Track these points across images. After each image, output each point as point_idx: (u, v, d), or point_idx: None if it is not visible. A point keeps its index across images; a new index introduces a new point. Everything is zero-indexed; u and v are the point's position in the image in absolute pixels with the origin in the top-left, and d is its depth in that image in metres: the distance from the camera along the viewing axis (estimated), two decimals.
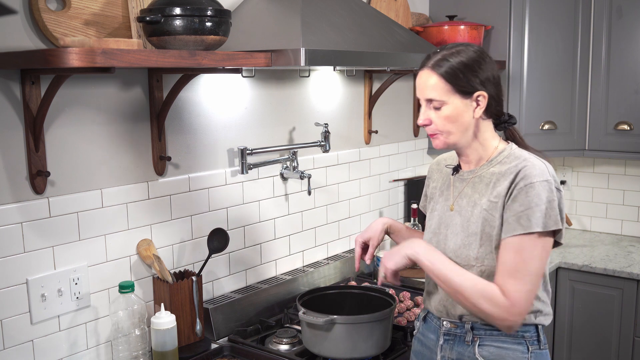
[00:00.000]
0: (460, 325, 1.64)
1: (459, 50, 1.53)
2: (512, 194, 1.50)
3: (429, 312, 1.75)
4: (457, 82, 1.51)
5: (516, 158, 1.57)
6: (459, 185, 1.64)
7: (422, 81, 1.55)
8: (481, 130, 1.58)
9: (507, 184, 1.53)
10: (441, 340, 1.67)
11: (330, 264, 2.59)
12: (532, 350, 1.60)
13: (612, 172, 3.27)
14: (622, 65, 2.89)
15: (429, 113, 1.56)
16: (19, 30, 1.62)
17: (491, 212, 1.55)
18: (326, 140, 2.47)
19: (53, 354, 1.77)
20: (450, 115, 1.53)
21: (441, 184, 1.72)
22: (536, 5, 2.95)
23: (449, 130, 1.55)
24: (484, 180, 1.59)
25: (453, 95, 1.52)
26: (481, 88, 1.52)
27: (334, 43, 1.95)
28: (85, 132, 1.80)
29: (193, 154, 2.10)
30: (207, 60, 1.66)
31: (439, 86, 1.52)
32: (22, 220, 1.67)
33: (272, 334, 2.14)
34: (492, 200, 1.55)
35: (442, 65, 1.51)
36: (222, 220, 2.21)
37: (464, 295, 1.50)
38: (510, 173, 1.54)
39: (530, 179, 1.48)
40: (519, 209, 1.48)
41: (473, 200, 1.59)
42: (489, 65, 1.54)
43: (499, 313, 1.47)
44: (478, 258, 1.56)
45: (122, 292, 1.81)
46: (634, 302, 2.71)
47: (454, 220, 1.62)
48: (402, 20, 2.90)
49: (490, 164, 1.60)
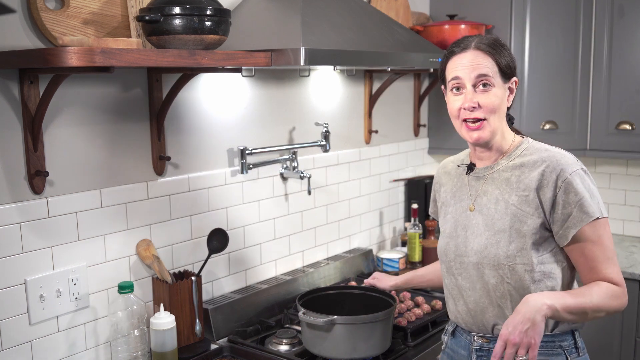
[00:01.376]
0: (493, 340, 1.56)
1: (497, 39, 1.55)
2: (558, 186, 1.47)
3: (458, 326, 1.67)
4: (506, 65, 1.50)
5: (537, 150, 1.55)
6: (476, 184, 1.59)
7: (471, 60, 1.49)
8: (505, 123, 1.56)
9: (536, 175, 1.49)
10: (474, 357, 1.60)
11: (330, 264, 2.58)
12: (572, 359, 1.54)
13: (614, 172, 3.26)
14: (623, 64, 2.88)
15: (479, 96, 1.49)
16: (17, 29, 1.62)
17: (521, 207, 1.50)
18: (326, 140, 2.47)
19: (52, 354, 1.77)
20: (497, 99, 1.49)
21: (452, 187, 1.67)
22: (537, 4, 2.95)
23: (493, 116, 1.49)
24: (503, 175, 1.55)
25: (499, 79, 1.50)
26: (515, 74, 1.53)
27: (334, 43, 1.95)
28: (84, 132, 1.79)
29: (193, 154, 2.10)
30: (207, 59, 1.65)
31: (491, 67, 1.48)
32: (20, 220, 1.67)
33: (272, 334, 2.13)
34: (521, 195, 1.50)
35: (494, 48, 1.50)
36: (221, 220, 2.20)
37: (599, 312, 1.46)
38: (536, 164, 1.51)
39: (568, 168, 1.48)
40: (575, 199, 1.46)
41: (495, 197, 1.54)
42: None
43: (623, 302, 1.48)
44: (509, 256, 1.49)
45: (121, 292, 1.80)
46: (636, 302, 2.70)
47: (473, 221, 1.57)
48: (403, 20, 2.90)
49: (508, 158, 1.56)
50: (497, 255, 1.51)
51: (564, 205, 1.47)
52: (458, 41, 1.55)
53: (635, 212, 3.22)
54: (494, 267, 1.51)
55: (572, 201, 1.46)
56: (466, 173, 1.63)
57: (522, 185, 1.51)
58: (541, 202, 1.49)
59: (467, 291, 1.58)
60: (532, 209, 1.49)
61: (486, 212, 1.55)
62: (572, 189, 1.47)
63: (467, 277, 1.57)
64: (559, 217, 1.48)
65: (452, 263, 1.61)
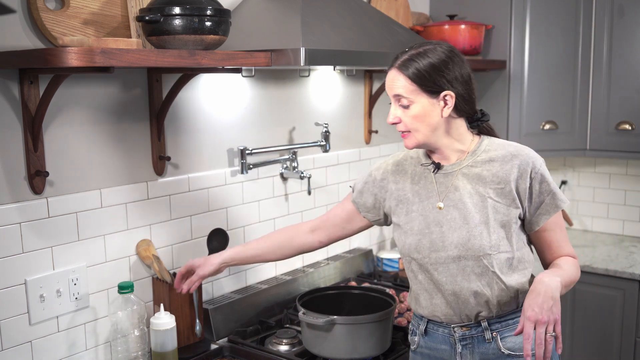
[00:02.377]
0: (475, 326, 1.62)
1: (427, 50, 1.54)
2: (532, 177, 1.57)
3: (430, 322, 1.68)
4: (423, 82, 1.52)
5: (502, 146, 1.62)
6: (444, 181, 1.62)
7: (390, 80, 1.57)
8: (453, 128, 1.58)
9: (510, 168, 1.57)
10: (459, 348, 1.63)
11: (330, 264, 2.58)
12: None
13: (614, 172, 3.26)
14: (623, 64, 2.88)
15: (398, 111, 1.57)
16: (17, 29, 1.62)
17: (498, 199, 1.57)
18: (326, 140, 2.47)
19: (52, 354, 1.77)
20: (418, 115, 1.54)
21: (413, 185, 1.67)
22: (537, 4, 2.95)
23: (417, 129, 1.56)
24: (474, 170, 1.59)
25: (419, 95, 1.53)
26: (448, 87, 1.52)
27: (334, 43, 1.95)
28: (84, 132, 1.79)
29: (193, 154, 2.10)
30: (207, 59, 1.65)
31: (405, 86, 1.53)
32: (20, 220, 1.67)
33: (272, 334, 2.13)
34: (496, 188, 1.57)
35: (408, 66, 1.53)
36: (221, 220, 2.20)
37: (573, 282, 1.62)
38: (507, 158, 1.58)
39: (538, 160, 1.59)
40: (547, 188, 1.58)
41: (468, 191, 1.58)
42: (457, 64, 1.54)
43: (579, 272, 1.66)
44: (493, 246, 1.56)
45: (121, 292, 1.80)
46: (636, 302, 2.70)
47: (448, 216, 1.59)
48: (403, 20, 2.90)
49: (474, 154, 1.61)
50: (482, 246, 1.56)
51: (538, 194, 1.58)
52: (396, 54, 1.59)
53: (635, 212, 3.22)
54: (478, 257, 1.56)
55: (545, 190, 1.58)
56: (433, 171, 1.64)
57: (497, 179, 1.57)
58: (518, 193, 1.57)
59: (445, 285, 1.60)
60: (509, 200, 1.57)
61: (462, 206, 1.58)
62: (545, 180, 1.58)
63: (444, 271, 1.60)
64: (533, 205, 1.59)
65: (426, 259, 1.62)
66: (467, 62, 1.58)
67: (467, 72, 1.57)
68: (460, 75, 1.54)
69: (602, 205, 3.32)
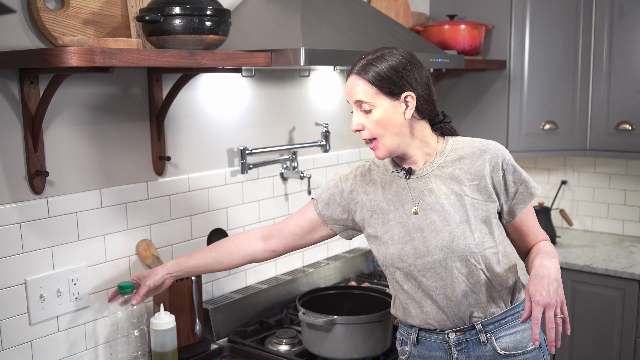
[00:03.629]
0: (468, 329, 1.60)
1: (384, 54, 1.54)
2: (504, 169, 1.58)
3: (422, 330, 1.65)
4: (383, 85, 1.52)
5: (467, 143, 1.63)
6: (417, 185, 1.60)
7: (349, 87, 1.56)
8: (418, 130, 1.58)
9: (482, 163, 1.58)
10: (455, 354, 1.61)
11: (330, 264, 2.58)
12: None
13: (614, 172, 3.26)
14: (623, 64, 2.88)
15: (361, 118, 1.56)
16: (17, 29, 1.62)
17: (475, 196, 1.57)
18: (326, 140, 2.47)
19: (52, 354, 1.77)
20: (381, 118, 1.53)
21: (384, 194, 1.64)
22: (537, 4, 2.95)
23: (382, 134, 1.54)
24: (446, 170, 1.59)
25: (380, 98, 1.53)
26: (408, 89, 1.53)
27: (334, 42, 1.95)
28: (84, 132, 1.80)
29: (193, 154, 2.10)
30: (207, 59, 1.65)
31: (366, 90, 1.53)
32: (20, 220, 1.67)
33: (272, 334, 2.13)
34: (472, 184, 1.57)
35: (367, 71, 1.53)
36: (221, 220, 2.20)
37: None
38: (476, 154, 1.59)
39: (506, 152, 1.61)
40: (520, 178, 1.60)
41: (444, 192, 1.57)
42: (415, 66, 1.55)
43: None
44: (477, 244, 1.55)
45: (121, 292, 1.80)
46: (636, 302, 2.70)
47: (427, 220, 1.57)
48: (403, 20, 2.90)
49: (442, 154, 1.61)
50: (467, 245, 1.55)
51: (512, 184, 1.59)
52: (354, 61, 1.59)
53: (635, 212, 3.22)
54: (465, 257, 1.55)
55: (517, 180, 1.60)
56: (405, 177, 1.62)
57: (471, 176, 1.58)
58: (494, 186, 1.58)
59: (435, 290, 1.58)
60: (485, 195, 1.58)
61: (439, 208, 1.57)
62: (515, 170, 1.60)
63: (432, 276, 1.58)
64: (509, 196, 1.60)
65: (411, 267, 1.59)
66: (424, 65, 1.58)
67: (426, 75, 1.57)
68: (419, 77, 1.55)
69: (602, 205, 3.32)
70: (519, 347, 1.61)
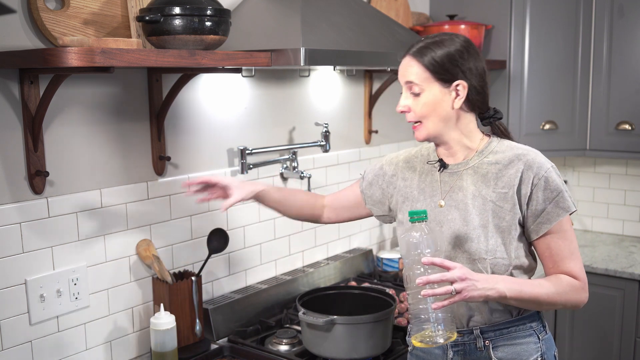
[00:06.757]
0: (467, 332, 1.59)
1: (443, 39, 1.54)
2: (534, 184, 1.51)
3: None
4: (436, 70, 1.51)
5: (510, 148, 1.58)
6: (449, 180, 1.60)
7: (403, 67, 1.56)
8: (464, 122, 1.57)
9: (515, 172, 1.53)
10: (450, 354, 1.61)
11: (330, 264, 2.58)
12: (542, 338, 1.61)
13: (614, 172, 3.26)
14: (623, 64, 2.88)
15: (408, 101, 1.55)
16: (17, 29, 1.62)
17: (500, 204, 1.53)
18: (326, 140, 2.47)
19: (52, 354, 1.77)
20: (428, 102, 1.52)
21: (419, 183, 1.66)
22: (537, 4, 2.95)
23: (427, 118, 1.53)
24: (479, 171, 1.57)
25: (432, 83, 1.52)
26: (462, 77, 1.52)
27: (334, 43, 1.95)
28: (84, 132, 1.80)
29: (193, 154, 2.10)
30: (207, 59, 1.65)
31: (419, 73, 1.52)
32: (20, 220, 1.67)
33: (272, 334, 2.13)
34: (499, 192, 1.54)
35: (423, 54, 1.53)
36: (221, 220, 2.20)
37: (554, 304, 1.54)
38: (513, 162, 1.54)
39: (544, 165, 1.53)
40: (551, 195, 1.51)
41: (471, 193, 1.56)
42: (472, 56, 1.54)
43: (582, 297, 1.54)
44: (489, 251, 1.53)
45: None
46: (636, 302, 2.70)
47: (449, 216, 1.58)
48: (403, 20, 2.90)
49: (481, 154, 1.58)
50: (478, 249, 1.53)
51: (541, 201, 1.52)
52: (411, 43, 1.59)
53: (635, 212, 3.22)
54: (473, 260, 1.54)
55: (548, 197, 1.51)
56: (439, 170, 1.63)
57: (501, 183, 1.54)
58: (519, 199, 1.53)
59: None
60: (510, 205, 1.53)
61: (463, 207, 1.57)
62: (549, 186, 1.52)
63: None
64: (533, 212, 1.53)
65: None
66: (482, 57, 1.57)
67: (482, 66, 1.55)
68: (474, 67, 1.53)
69: (602, 205, 3.32)
70: (517, 359, 1.58)
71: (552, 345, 1.65)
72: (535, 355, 1.59)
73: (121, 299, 1.92)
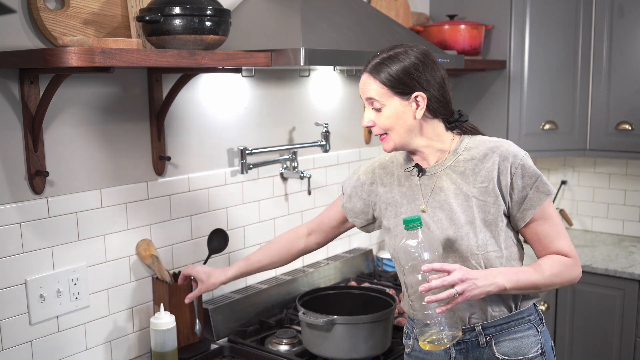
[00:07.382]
0: (469, 330, 1.60)
1: (397, 53, 1.55)
2: (512, 173, 1.55)
3: None
4: (394, 85, 1.53)
5: (482, 142, 1.61)
6: (429, 182, 1.62)
7: (362, 84, 1.59)
8: (430, 129, 1.58)
9: (492, 165, 1.56)
10: (453, 353, 1.62)
11: (330, 264, 2.58)
12: (540, 330, 1.64)
13: (614, 172, 3.26)
14: (623, 64, 2.88)
15: (372, 115, 1.58)
16: (17, 29, 1.62)
17: (483, 198, 1.56)
18: (326, 140, 2.47)
19: (52, 354, 1.77)
20: (390, 115, 1.55)
21: (400, 188, 1.67)
22: (537, 4, 2.95)
23: (392, 130, 1.56)
24: (457, 169, 1.59)
25: (391, 97, 1.54)
26: (419, 89, 1.53)
27: (334, 42, 1.95)
28: (84, 132, 1.80)
29: (193, 154, 2.10)
30: (207, 59, 1.65)
31: (377, 89, 1.55)
32: (20, 220, 1.67)
33: (272, 334, 2.13)
34: (479, 186, 1.56)
35: (379, 70, 1.54)
36: (221, 220, 2.20)
37: (552, 285, 1.58)
38: (487, 155, 1.57)
39: (519, 154, 1.57)
40: (530, 181, 1.55)
41: (453, 192, 1.58)
42: (429, 67, 1.55)
43: (576, 272, 1.59)
44: (480, 246, 1.55)
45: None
46: (636, 302, 2.70)
47: (434, 218, 1.59)
48: (403, 20, 2.90)
49: (456, 153, 1.61)
50: (469, 246, 1.55)
51: (522, 188, 1.55)
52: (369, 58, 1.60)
53: (635, 212, 3.22)
54: (466, 257, 1.56)
55: (527, 184, 1.55)
56: (418, 175, 1.64)
57: (480, 178, 1.57)
58: (501, 190, 1.56)
59: None
60: (493, 198, 1.56)
61: (447, 207, 1.58)
62: (527, 172, 1.55)
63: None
64: (517, 200, 1.56)
65: None
66: (440, 65, 1.58)
67: (440, 75, 1.57)
68: (431, 77, 1.55)
69: (602, 205, 3.32)
70: (519, 353, 1.60)
71: (549, 338, 1.69)
72: (536, 347, 1.62)
73: (121, 299, 1.92)
